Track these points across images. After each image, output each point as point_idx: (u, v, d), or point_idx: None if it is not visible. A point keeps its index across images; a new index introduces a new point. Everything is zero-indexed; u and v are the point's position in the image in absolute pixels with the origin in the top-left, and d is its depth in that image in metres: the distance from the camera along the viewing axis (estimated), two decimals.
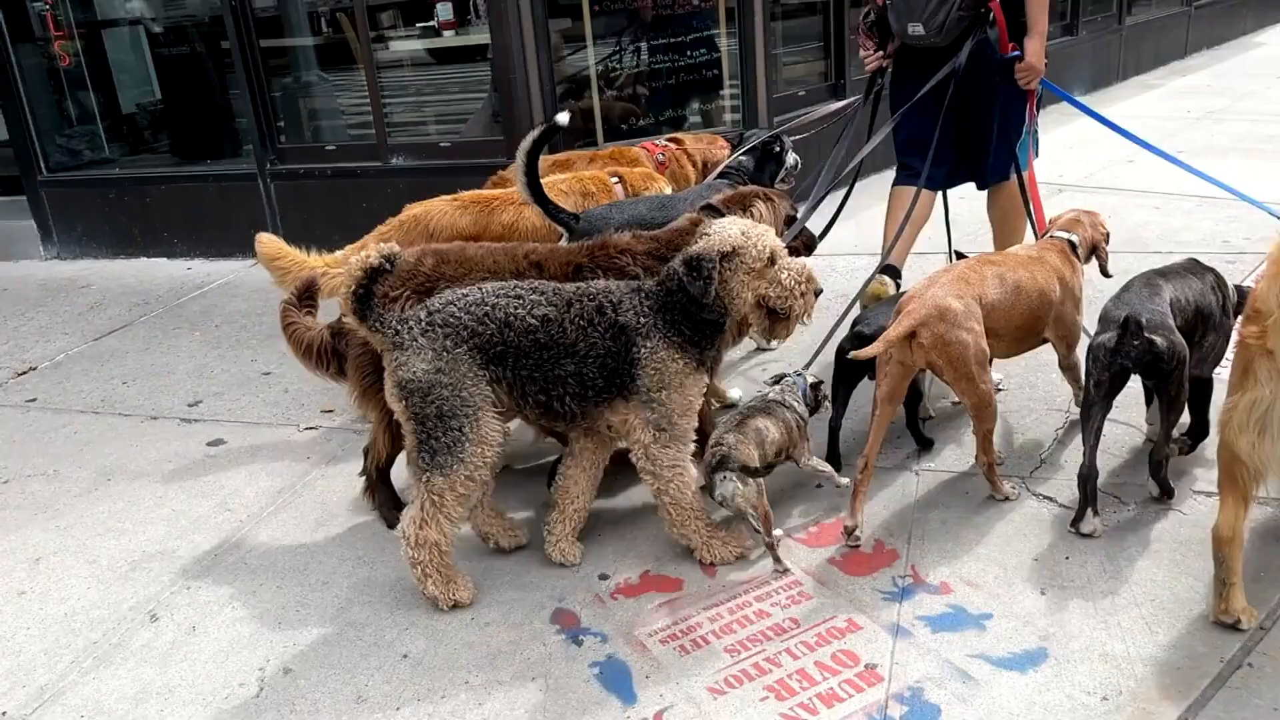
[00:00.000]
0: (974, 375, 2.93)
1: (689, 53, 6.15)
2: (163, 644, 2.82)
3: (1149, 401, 3.25)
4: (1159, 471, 3.01)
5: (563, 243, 3.43)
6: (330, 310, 3.14)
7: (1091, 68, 9.35)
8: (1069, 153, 7.05)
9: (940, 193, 4.21)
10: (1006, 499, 3.09)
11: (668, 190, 4.09)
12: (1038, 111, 4.08)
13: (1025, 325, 3.17)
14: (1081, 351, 3.17)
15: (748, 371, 4.19)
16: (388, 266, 2.60)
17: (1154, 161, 4.39)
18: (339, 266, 3.79)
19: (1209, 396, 3.18)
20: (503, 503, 3.19)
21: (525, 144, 3.36)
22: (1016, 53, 3.83)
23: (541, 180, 3.57)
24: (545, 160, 4.08)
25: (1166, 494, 3.01)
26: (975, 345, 2.92)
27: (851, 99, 4.54)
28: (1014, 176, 4.05)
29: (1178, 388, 2.91)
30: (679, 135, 4.59)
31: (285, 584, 3.04)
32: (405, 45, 6.30)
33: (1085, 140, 7.20)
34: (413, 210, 3.84)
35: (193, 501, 3.59)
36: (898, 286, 3.88)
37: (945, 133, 3.85)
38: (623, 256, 3.06)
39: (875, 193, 4.48)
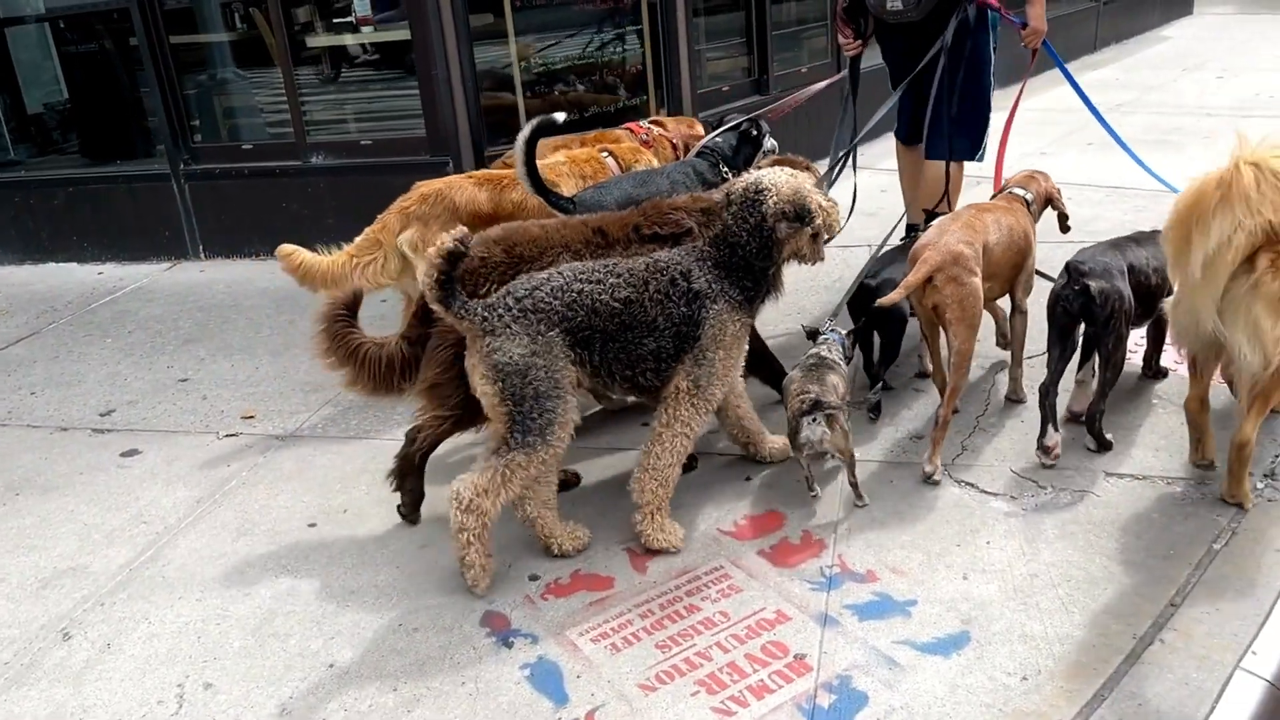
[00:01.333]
0: (974, 322, 3.18)
1: (613, 48, 6.14)
2: (77, 663, 2.72)
3: (1085, 358, 3.36)
4: (1094, 425, 3.21)
5: None
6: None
7: (1005, 62, 9.55)
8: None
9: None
10: (931, 477, 3.15)
11: (655, 164, 4.22)
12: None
13: (1016, 265, 3.46)
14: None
15: None
16: (463, 249, 2.63)
17: (1065, 156, 4.53)
18: (364, 254, 3.83)
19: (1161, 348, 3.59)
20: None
21: (523, 136, 3.43)
22: (1019, 19, 4.14)
23: (540, 163, 3.70)
24: (545, 144, 4.15)
25: (1103, 447, 3.21)
26: (978, 293, 3.17)
27: (837, 77, 4.74)
28: (960, 162, 4.33)
29: (1114, 341, 3.09)
30: (659, 118, 4.71)
31: (205, 596, 2.95)
32: (323, 41, 6.16)
33: (995, 134, 7.36)
34: (434, 185, 3.90)
35: (106, 515, 3.47)
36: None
37: (919, 101, 4.13)
38: (676, 211, 3.16)
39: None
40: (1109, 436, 3.24)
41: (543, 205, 3.58)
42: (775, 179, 2.92)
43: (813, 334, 3.40)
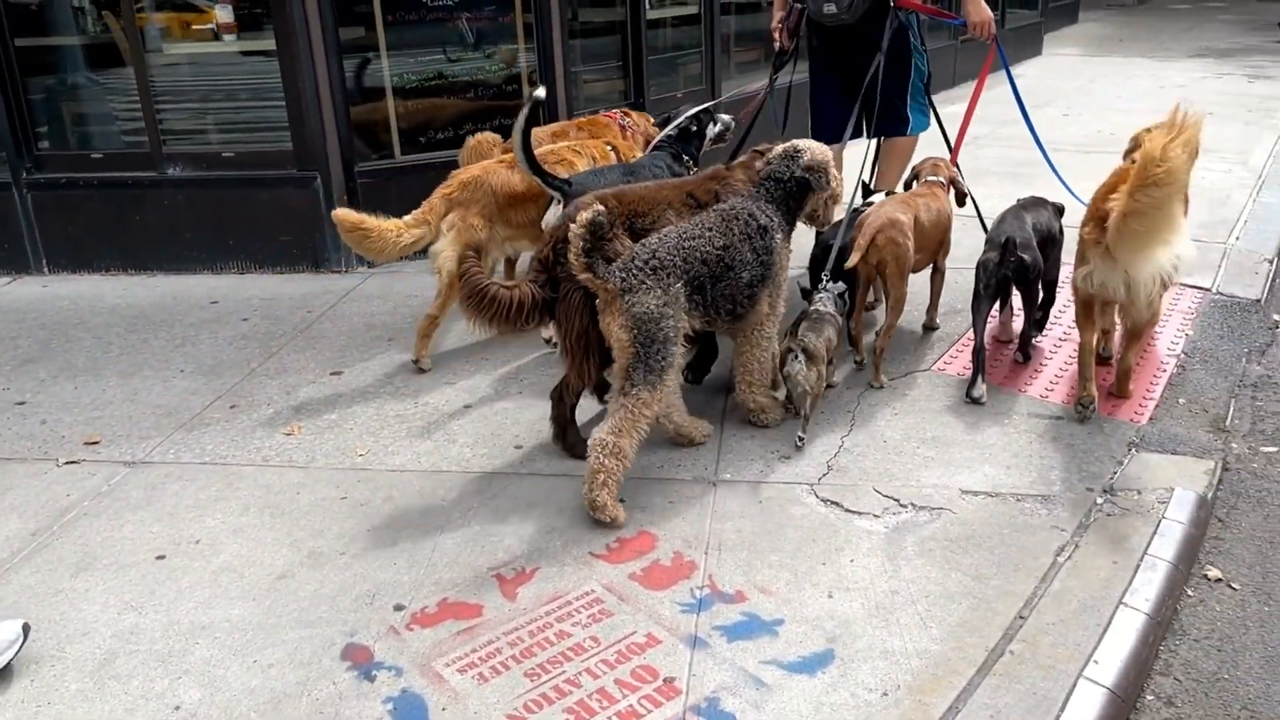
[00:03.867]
0: (905, 275, 3.93)
1: (488, 67, 6.09)
2: None
3: (1004, 303, 4.26)
4: (1026, 346, 4.13)
5: (555, 208, 4.09)
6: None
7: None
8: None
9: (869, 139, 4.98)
10: (881, 386, 3.93)
11: (638, 154, 4.82)
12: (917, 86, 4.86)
13: (939, 239, 4.22)
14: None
15: None
16: (603, 220, 3.03)
17: None
18: (413, 229, 4.16)
19: (1054, 296, 4.30)
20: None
21: (520, 122, 3.83)
22: (959, 20, 4.74)
23: (550, 148, 4.45)
24: (544, 131, 4.80)
25: (1026, 358, 4.10)
26: (910, 252, 3.90)
27: (762, 84, 5.17)
28: (903, 137, 4.86)
29: (1036, 290, 3.97)
30: (628, 111, 5.21)
31: (39, 637, 2.74)
32: (182, 48, 5.90)
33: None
34: (471, 171, 4.32)
35: None
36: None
37: (847, 97, 4.66)
38: (738, 182, 3.71)
39: None
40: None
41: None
42: (809, 144, 3.65)
43: (808, 292, 3.86)
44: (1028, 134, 5.12)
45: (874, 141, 4.97)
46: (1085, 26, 17.10)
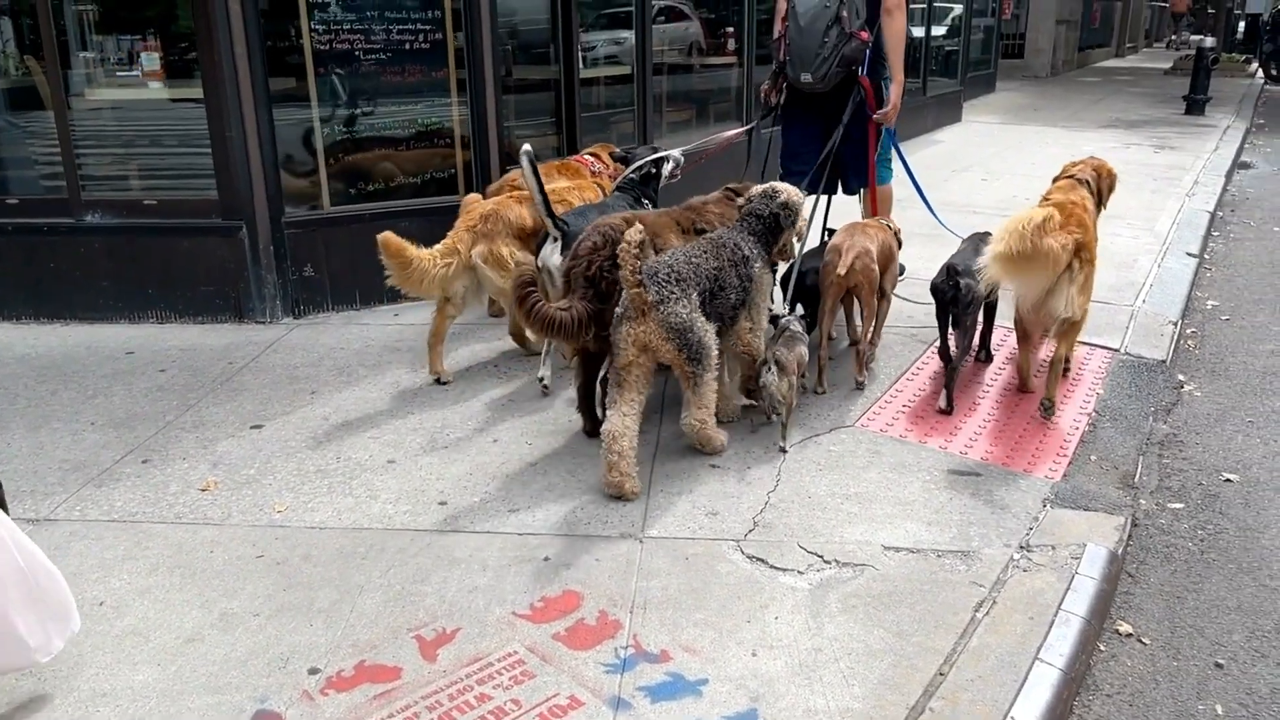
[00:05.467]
0: (875, 291, 4.55)
1: (421, 121, 6.10)
2: None
3: (949, 329, 4.46)
4: (951, 383, 4.37)
5: (551, 244, 4.37)
6: None
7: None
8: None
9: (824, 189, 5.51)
10: (862, 385, 4.52)
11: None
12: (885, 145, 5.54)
13: (884, 265, 4.65)
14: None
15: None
16: (646, 238, 3.47)
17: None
18: (445, 257, 4.50)
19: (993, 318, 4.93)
20: None
21: (528, 169, 4.20)
22: (884, 108, 5.31)
23: (552, 187, 4.76)
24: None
25: (949, 405, 4.34)
26: (878, 274, 4.53)
27: (748, 126, 5.75)
28: (878, 187, 5.50)
29: (971, 319, 4.40)
30: (596, 151, 5.54)
31: None
32: (106, 94, 5.79)
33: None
34: (486, 205, 4.74)
35: None
36: None
37: (817, 152, 5.24)
38: (710, 213, 4.40)
39: None
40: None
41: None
42: (785, 187, 4.15)
43: (774, 319, 4.28)
44: (947, 198, 5.44)
45: (828, 196, 5.57)
46: (1003, 95, 17.83)
